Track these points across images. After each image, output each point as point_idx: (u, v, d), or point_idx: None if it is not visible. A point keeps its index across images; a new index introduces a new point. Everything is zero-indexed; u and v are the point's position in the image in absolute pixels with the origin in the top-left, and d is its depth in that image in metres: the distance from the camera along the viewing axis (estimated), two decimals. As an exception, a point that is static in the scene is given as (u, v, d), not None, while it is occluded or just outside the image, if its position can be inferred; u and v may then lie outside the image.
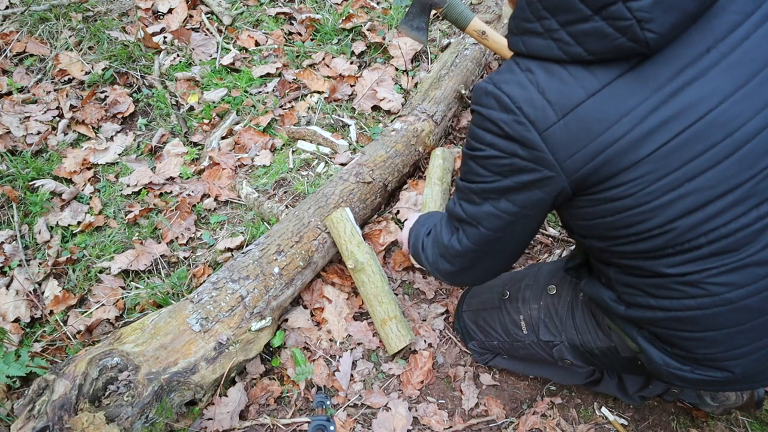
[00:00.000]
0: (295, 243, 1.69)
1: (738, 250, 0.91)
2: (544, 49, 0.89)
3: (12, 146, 2.19)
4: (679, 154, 0.87)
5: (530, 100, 0.91)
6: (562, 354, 1.37)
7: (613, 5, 0.81)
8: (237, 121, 2.32)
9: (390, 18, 2.64)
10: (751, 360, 1.01)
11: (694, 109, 0.86)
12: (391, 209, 2.03)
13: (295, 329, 1.73)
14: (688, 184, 0.88)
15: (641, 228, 0.93)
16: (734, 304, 0.95)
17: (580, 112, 0.88)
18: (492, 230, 1.08)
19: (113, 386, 1.34)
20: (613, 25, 0.82)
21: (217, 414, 1.51)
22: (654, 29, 0.81)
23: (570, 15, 0.85)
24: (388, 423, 1.55)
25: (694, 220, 0.90)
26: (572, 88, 0.88)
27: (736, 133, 0.86)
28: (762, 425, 1.56)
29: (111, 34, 2.52)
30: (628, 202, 0.92)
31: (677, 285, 0.97)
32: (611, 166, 0.89)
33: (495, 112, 0.95)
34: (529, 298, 1.42)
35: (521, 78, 0.92)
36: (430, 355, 1.68)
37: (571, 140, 0.89)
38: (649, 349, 1.10)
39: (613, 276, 1.08)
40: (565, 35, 0.87)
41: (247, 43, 2.59)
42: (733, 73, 0.86)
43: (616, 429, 1.56)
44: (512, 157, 0.96)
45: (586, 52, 0.86)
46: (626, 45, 0.83)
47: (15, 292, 1.80)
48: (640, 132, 0.87)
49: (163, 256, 1.90)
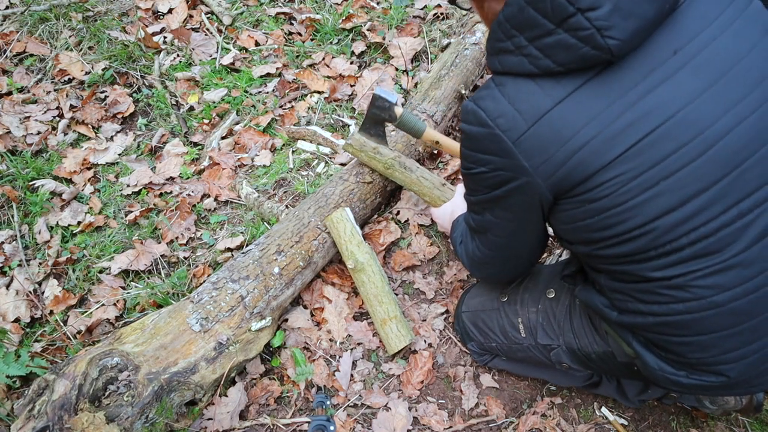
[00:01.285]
0: (295, 243, 1.69)
1: (721, 251, 0.92)
2: (517, 65, 0.93)
3: (12, 146, 2.19)
4: (650, 154, 0.89)
5: (502, 112, 0.95)
6: (560, 358, 1.37)
7: (573, 17, 0.84)
8: (237, 121, 2.32)
9: (390, 18, 2.64)
10: (745, 364, 1.01)
11: (662, 109, 0.88)
12: (391, 209, 2.03)
13: (295, 329, 1.73)
14: (663, 183, 0.90)
15: (621, 229, 0.95)
16: (722, 307, 0.95)
17: (548, 119, 0.92)
18: (499, 236, 1.18)
19: (113, 386, 1.34)
20: (575, 35, 0.85)
21: (217, 414, 1.51)
22: (615, 36, 0.83)
23: (535, 30, 0.89)
24: (388, 423, 1.55)
25: (673, 219, 0.91)
26: (539, 98, 0.92)
27: (707, 131, 0.88)
28: (762, 425, 1.56)
29: (111, 34, 2.52)
30: (605, 202, 0.94)
31: (664, 289, 0.98)
32: (584, 168, 0.92)
33: (474, 127, 1.00)
34: (528, 301, 1.42)
35: (495, 93, 0.97)
36: (430, 355, 1.68)
37: (543, 146, 0.93)
38: (645, 354, 1.11)
39: (604, 282, 1.10)
40: (533, 50, 0.91)
41: (247, 43, 2.59)
42: (701, 73, 0.88)
43: (616, 429, 1.56)
44: (496, 170, 1.01)
45: (555, 64, 0.89)
46: (590, 53, 0.86)
47: (15, 292, 1.80)
48: (609, 134, 0.89)
49: (163, 256, 1.90)
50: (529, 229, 1.13)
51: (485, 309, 1.53)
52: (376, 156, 1.69)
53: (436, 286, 1.85)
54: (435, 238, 1.95)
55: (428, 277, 1.87)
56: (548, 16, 0.86)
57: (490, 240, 1.21)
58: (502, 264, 1.28)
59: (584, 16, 0.83)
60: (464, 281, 1.85)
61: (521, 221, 1.10)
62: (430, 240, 1.94)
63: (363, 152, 1.69)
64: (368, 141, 1.69)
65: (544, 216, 1.07)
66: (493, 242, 1.21)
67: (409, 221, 1.97)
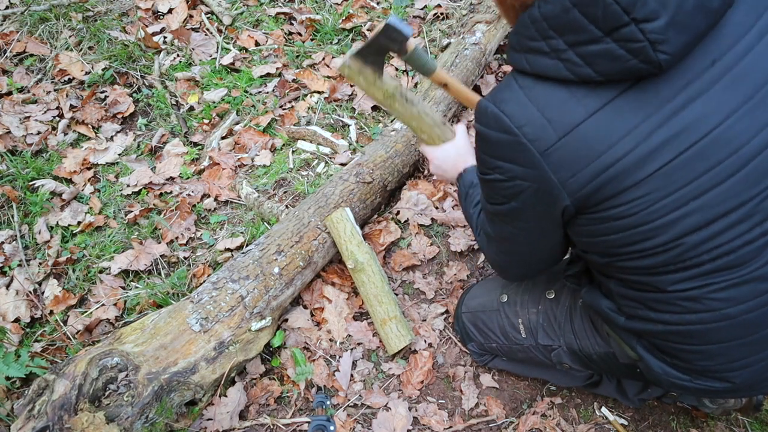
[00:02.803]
0: (295, 243, 1.69)
1: (740, 266, 0.90)
2: (551, 69, 0.87)
3: (12, 146, 2.19)
4: (683, 173, 0.85)
5: (529, 119, 0.89)
6: (561, 358, 1.37)
7: (626, 27, 0.78)
8: (237, 121, 2.32)
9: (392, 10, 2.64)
10: (751, 371, 1.01)
11: (697, 126, 0.84)
12: (391, 209, 2.03)
13: (295, 329, 1.73)
14: (694, 203, 0.87)
15: (645, 246, 0.92)
16: (734, 319, 0.94)
17: (581, 132, 0.86)
18: (520, 245, 1.13)
19: (113, 386, 1.34)
20: (625, 47, 0.80)
21: (217, 414, 1.51)
22: (667, 50, 0.79)
23: (579, 36, 0.82)
24: (388, 423, 1.55)
25: (699, 237, 0.89)
26: (572, 107, 0.86)
27: (741, 150, 0.84)
28: (762, 425, 1.56)
29: (111, 34, 2.52)
30: (632, 220, 0.90)
31: (678, 300, 0.96)
32: (615, 185, 0.88)
33: (495, 132, 0.93)
34: (528, 302, 1.42)
35: (520, 96, 0.90)
36: (430, 355, 1.68)
37: (573, 160, 0.88)
38: (649, 358, 1.10)
39: (614, 288, 1.07)
40: (573, 56, 0.84)
41: (247, 43, 2.59)
42: (737, 87, 0.84)
43: (616, 429, 1.56)
44: (514, 179, 0.95)
45: (596, 74, 0.83)
46: (638, 66, 0.81)
47: (15, 292, 1.80)
48: (644, 150, 0.85)
49: (163, 256, 1.90)
50: (552, 240, 1.09)
51: (485, 310, 1.53)
52: (375, 82, 1.49)
53: (436, 286, 1.85)
54: (435, 238, 1.95)
55: (428, 277, 1.87)
56: (598, 23, 0.80)
57: (508, 248, 1.17)
58: (527, 266, 1.23)
59: (639, 27, 0.77)
60: (464, 281, 1.85)
61: (542, 232, 1.06)
62: (430, 240, 1.94)
63: (362, 75, 1.49)
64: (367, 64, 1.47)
65: (564, 225, 1.04)
66: (512, 250, 1.17)
67: (409, 221, 1.97)
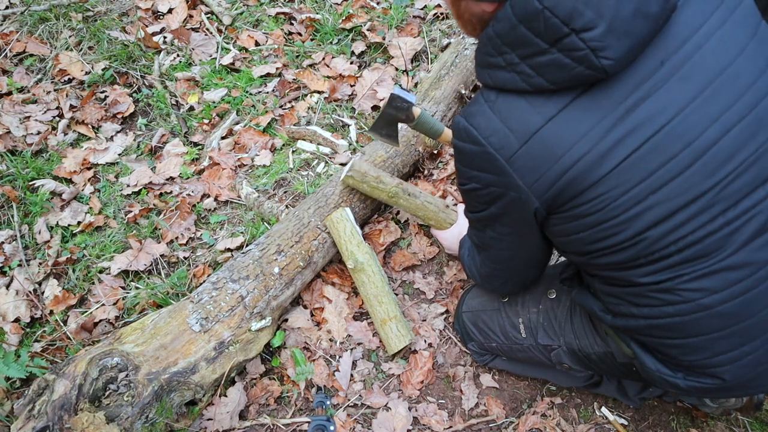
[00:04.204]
0: (295, 243, 1.69)
1: (708, 256, 0.93)
2: (509, 81, 0.93)
3: (12, 146, 2.19)
4: (639, 168, 0.89)
5: (494, 130, 0.95)
6: (561, 358, 1.37)
7: (567, 37, 0.83)
8: (237, 121, 2.32)
9: (390, 18, 2.64)
10: (739, 366, 1.01)
11: (650, 123, 0.88)
12: (391, 209, 2.03)
13: (295, 329, 1.73)
14: (653, 196, 0.90)
15: (613, 241, 0.96)
16: (711, 310, 0.96)
17: (540, 137, 0.91)
18: (502, 250, 1.19)
19: (113, 386, 1.34)
20: (569, 55, 0.84)
21: (217, 414, 1.51)
22: (609, 56, 0.83)
23: (528, 49, 0.88)
24: (388, 423, 1.55)
25: (662, 230, 0.92)
26: (531, 115, 0.92)
27: (694, 143, 0.88)
28: (762, 425, 1.56)
29: (111, 34, 2.52)
30: (597, 217, 0.95)
31: (653, 293, 0.99)
32: (576, 185, 0.92)
33: (467, 144, 0.99)
34: (529, 301, 1.42)
35: (485, 109, 0.97)
36: (430, 355, 1.68)
37: (536, 164, 0.93)
38: (643, 356, 1.11)
39: (598, 286, 1.12)
40: (526, 68, 0.90)
41: (247, 43, 2.59)
42: (687, 83, 0.88)
43: (616, 429, 1.56)
44: (488, 186, 1.01)
45: (548, 82, 0.89)
46: (585, 73, 0.85)
47: (15, 292, 1.80)
48: (600, 150, 0.89)
49: (163, 256, 1.90)
50: (531, 243, 1.14)
51: (486, 309, 1.53)
52: (378, 186, 1.68)
53: (436, 286, 1.85)
54: (435, 238, 1.95)
55: (428, 277, 1.87)
56: (541, 36, 0.85)
57: (493, 255, 1.23)
58: (510, 275, 1.29)
59: (579, 36, 0.82)
60: (464, 281, 1.85)
61: (521, 235, 1.11)
62: (430, 240, 1.94)
63: (365, 183, 1.69)
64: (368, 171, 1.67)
65: (540, 227, 1.08)
66: (497, 256, 1.23)
67: (409, 221, 1.97)
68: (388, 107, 1.50)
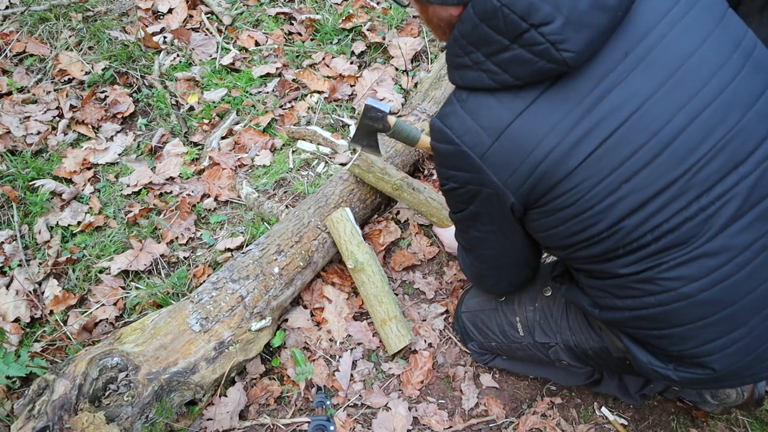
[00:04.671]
0: (295, 243, 1.69)
1: (685, 244, 0.93)
2: (477, 80, 0.94)
3: (12, 146, 2.19)
4: (609, 159, 0.90)
5: (467, 128, 0.97)
6: (558, 355, 1.37)
7: (526, 33, 0.85)
8: (237, 121, 2.32)
9: (390, 18, 2.64)
10: (728, 355, 1.01)
11: (616, 113, 0.89)
12: (391, 209, 2.03)
13: (295, 329, 1.73)
14: (625, 186, 0.91)
15: (591, 233, 0.97)
16: (692, 298, 0.96)
17: (510, 133, 0.93)
18: (489, 249, 1.20)
19: (113, 386, 1.34)
20: (531, 50, 0.86)
21: (217, 414, 1.51)
22: (569, 48, 0.84)
23: (491, 47, 0.89)
24: (388, 423, 1.55)
25: (638, 219, 0.93)
26: (500, 112, 0.93)
27: (662, 131, 0.89)
28: (762, 425, 1.56)
29: (111, 34, 2.52)
30: (572, 210, 0.96)
31: (634, 284, 1.00)
32: (549, 178, 0.94)
33: (443, 145, 1.01)
34: (525, 299, 1.43)
35: (457, 109, 0.99)
36: (430, 355, 1.68)
37: (508, 160, 0.95)
38: (634, 349, 1.11)
39: (583, 281, 1.12)
40: (491, 65, 0.91)
41: (247, 43, 2.59)
42: (652, 72, 0.89)
43: (616, 429, 1.56)
44: (465, 185, 1.03)
45: (513, 78, 0.90)
46: (547, 67, 0.87)
47: (15, 292, 1.80)
48: (569, 143, 0.90)
49: (163, 256, 1.90)
50: (514, 240, 1.15)
51: (484, 309, 1.54)
52: (383, 177, 1.70)
53: (436, 286, 1.85)
54: (435, 239, 1.95)
55: (428, 277, 1.87)
56: (502, 33, 0.87)
57: (481, 254, 1.24)
58: (501, 275, 1.30)
59: (538, 31, 0.84)
60: (464, 281, 1.85)
61: (504, 232, 1.12)
62: (430, 240, 1.94)
63: (371, 173, 1.69)
64: (375, 161, 1.67)
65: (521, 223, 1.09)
66: (485, 256, 1.24)
67: (409, 221, 1.97)
68: (364, 118, 1.52)
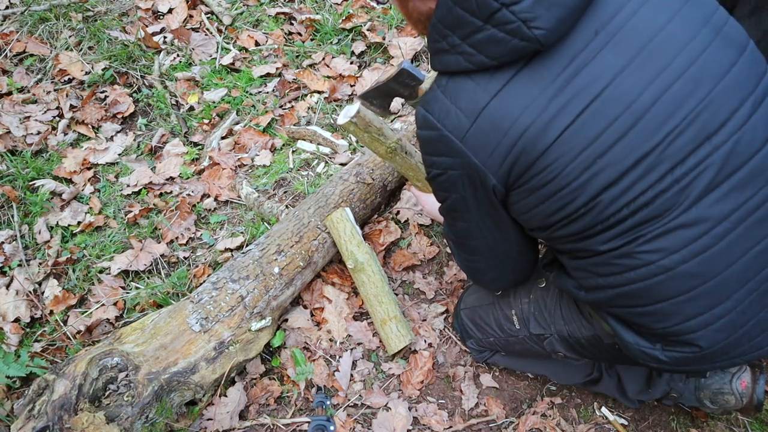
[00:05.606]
0: (295, 243, 1.69)
1: (661, 216, 0.94)
2: (454, 63, 0.96)
3: (12, 146, 2.19)
4: (582, 134, 0.92)
5: (447, 112, 0.99)
6: (554, 347, 1.38)
7: (498, 12, 0.87)
8: (237, 121, 2.32)
9: (390, 18, 2.64)
10: (714, 331, 1.00)
11: (588, 89, 0.90)
12: (391, 209, 2.03)
13: (295, 329, 1.73)
14: (600, 161, 0.92)
15: (569, 210, 0.98)
16: (672, 271, 0.96)
17: (488, 113, 0.95)
18: (479, 239, 1.19)
19: (113, 386, 1.34)
20: (503, 29, 0.88)
21: (217, 414, 1.51)
22: (541, 26, 0.86)
23: (465, 29, 0.91)
24: (388, 423, 1.55)
25: (613, 193, 0.94)
26: (477, 94, 0.95)
27: (634, 104, 0.90)
28: (762, 425, 1.56)
29: (111, 34, 2.52)
30: (551, 187, 0.97)
31: (614, 260, 1.00)
32: (526, 156, 0.95)
33: (425, 131, 1.04)
34: (520, 292, 1.44)
35: (438, 95, 1.01)
36: (430, 355, 1.68)
37: (486, 141, 0.96)
38: (620, 330, 1.11)
39: (567, 263, 1.13)
40: (467, 47, 0.93)
41: (247, 43, 2.59)
42: (622, 49, 0.91)
43: (616, 429, 1.56)
44: (447, 170, 1.04)
45: (488, 58, 0.92)
46: (520, 45, 0.88)
47: (15, 292, 1.80)
48: (543, 120, 0.92)
49: (163, 256, 1.90)
50: (504, 227, 1.14)
51: (482, 305, 1.54)
52: (379, 138, 1.58)
53: (436, 286, 1.85)
54: (435, 238, 1.95)
55: (428, 277, 1.87)
56: (475, 14, 0.89)
57: (473, 247, 1.23)
58: (498, 267, 1.28)
59: (509, 10, 0.86)
60: (464, 281, 1.85)
61: (491, 218, 1.12)
62: (430, 240, 1.94)
63: (366, 133, 1.57)
64: (373, 120, 1.56)
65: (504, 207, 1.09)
66: (476, 248, 1.22)
67: (409, 221, 1.97)
68: (392, 81, 1.42)
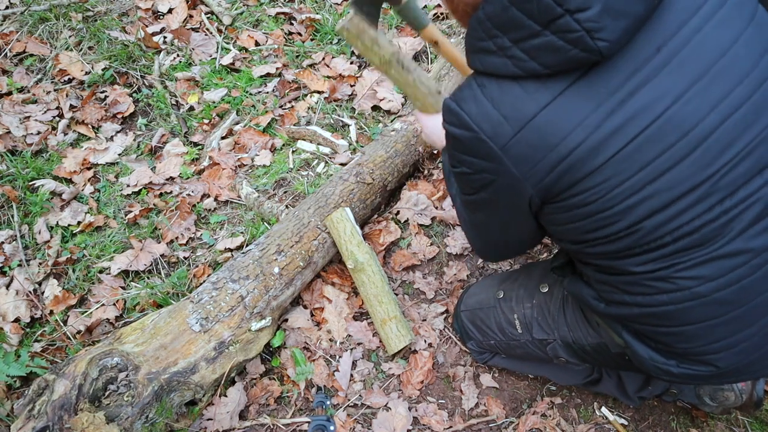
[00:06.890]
0: (295, 243, 1.69)
1: (704, 245, 0.92)
2: (501, 66, 0.90)
3: (12, 146, 2.19)
4: (636, 158, 0.88)
5: (487, 116, 0.92)
6: (556, 352, 1.37)
7: (561, 18, 0.80)
8: (237, 121, 2.32)
9: (390, 18, 2.64)
10: (734, 353, 1.01)
11: (647, 111, 0.86)
12: (391, 209, 2.03)
13: (295, 329, 1.73)
14: (649, 187, 0.89)
15: (609, 231, 0.95)
16: (706, 298, 0.95)
17: (535, 125, 0.89)
18: (493, 231, 1.17)
19: (113, 386, 1.34)
20: (564, 37, 0.82)
21: (217, 414, 1.51)
22: (605, 37, 0.80)
23: (520, 32, 0.85)
24: (388, 423, 1.55)
25: (659, 220, 0.91)
26: (525, 102, 0.89)
27: (692, 132, 0.86)
28: (762, 425, 1.56)
29: (111, 34, 2.52)
30: (592, 207, 0.93)
31: (648, 281, 0.98)
32: (572, 174, 0.91)
33: (458, 129, 0.97)
34: (523, 296, 1.43)
35: (477, 94, 0.94)
36: (430, 355, 1.68)
37: (530, 153, 0.91)
38: (634, 344, 1.11)
39: (591, 275, 1.11)
40: (518, 52, 0.87)
41: (247, 43, 2.59)
42: (685, 70, 0.86)
43: (616, 429, 1.56)
44: (480, 172, 0.99)
45: (541, 66, 0.86)
46: (580, 56, 0.83)
47: (15, 292, 1.80)
48: (596, 139, 0.87)
49: (163, 256, 1.90)
50: (523, 227, 1.13)
51: (482, 307, 1.54)
52: (373, 47, 1.48)
53: (436, 286, 1.85)
54: (435, 238, 1.95)
55: (428, 277, 1.87)
56: (534, 18, 0.82)
57: (484, 234, 1.21)
58: (500, 248, 1.27)
59: (573, 17, 0.80)
60: (464, 281, 1.85)
61: (513, 220, 1.10)
62: (430, 240, 1.94)
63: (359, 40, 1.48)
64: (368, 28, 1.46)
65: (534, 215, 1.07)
66: (487, 235, 1.21)
67: (409, 221, 1.97)
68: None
